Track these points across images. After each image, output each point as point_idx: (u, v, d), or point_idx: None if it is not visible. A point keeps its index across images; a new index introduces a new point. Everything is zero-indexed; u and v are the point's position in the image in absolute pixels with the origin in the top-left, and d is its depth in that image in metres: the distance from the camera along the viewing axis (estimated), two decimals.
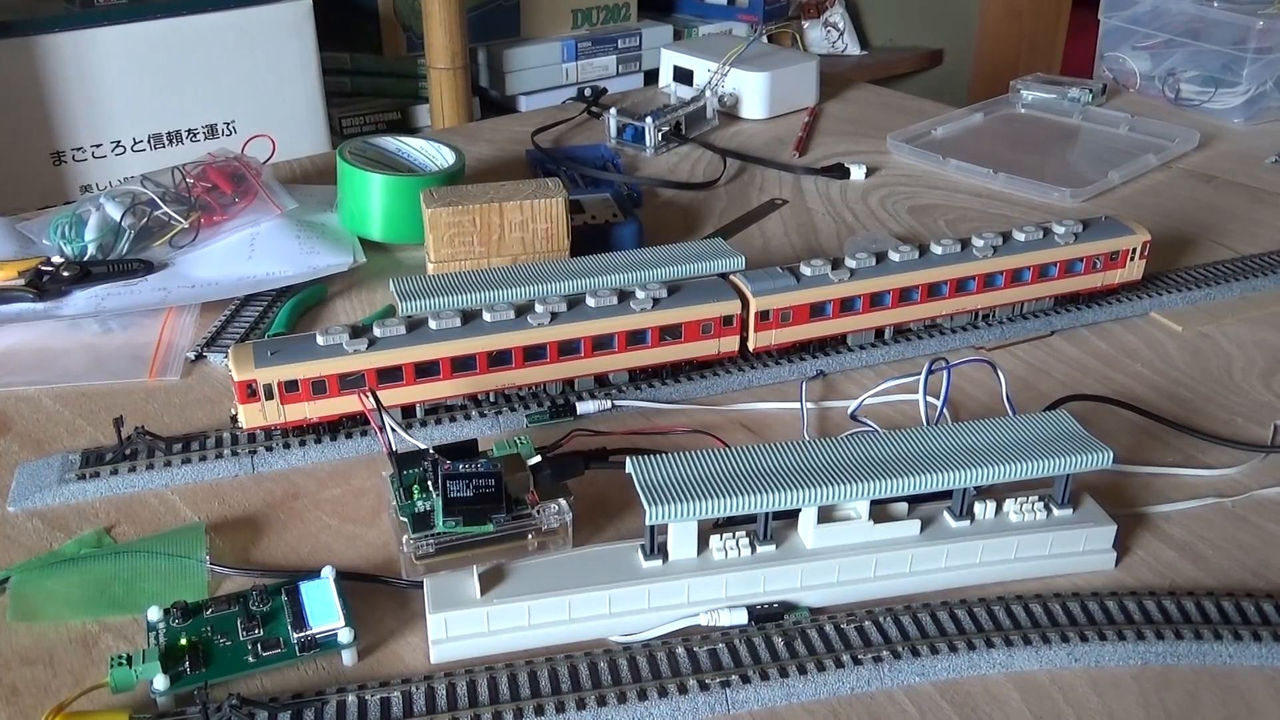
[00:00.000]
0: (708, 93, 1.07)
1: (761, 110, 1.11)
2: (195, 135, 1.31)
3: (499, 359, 0.61)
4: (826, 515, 0.50)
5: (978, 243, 0.69)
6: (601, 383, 0.65)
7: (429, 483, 0.52)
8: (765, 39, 1.89)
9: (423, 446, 0.53)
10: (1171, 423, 0.62)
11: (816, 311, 0.66)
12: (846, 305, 0.67)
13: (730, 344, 0.66)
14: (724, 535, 0.50)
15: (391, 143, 0.88)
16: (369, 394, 0.53)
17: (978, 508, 0.52)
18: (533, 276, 0.65)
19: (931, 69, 2.14)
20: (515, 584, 0.48)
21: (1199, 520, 0.55)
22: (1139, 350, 0.70)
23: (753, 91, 1.10)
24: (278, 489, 0.57)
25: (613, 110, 1.03)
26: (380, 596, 0.50)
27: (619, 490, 0.55)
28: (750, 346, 0.66)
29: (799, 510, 0.49)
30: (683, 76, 1.14)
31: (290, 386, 0.57)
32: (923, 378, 0.55)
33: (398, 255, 0.82)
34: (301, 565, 0.52)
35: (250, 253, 0.79)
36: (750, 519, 0.50)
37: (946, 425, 0.53)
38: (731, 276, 0.66)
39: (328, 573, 0.48)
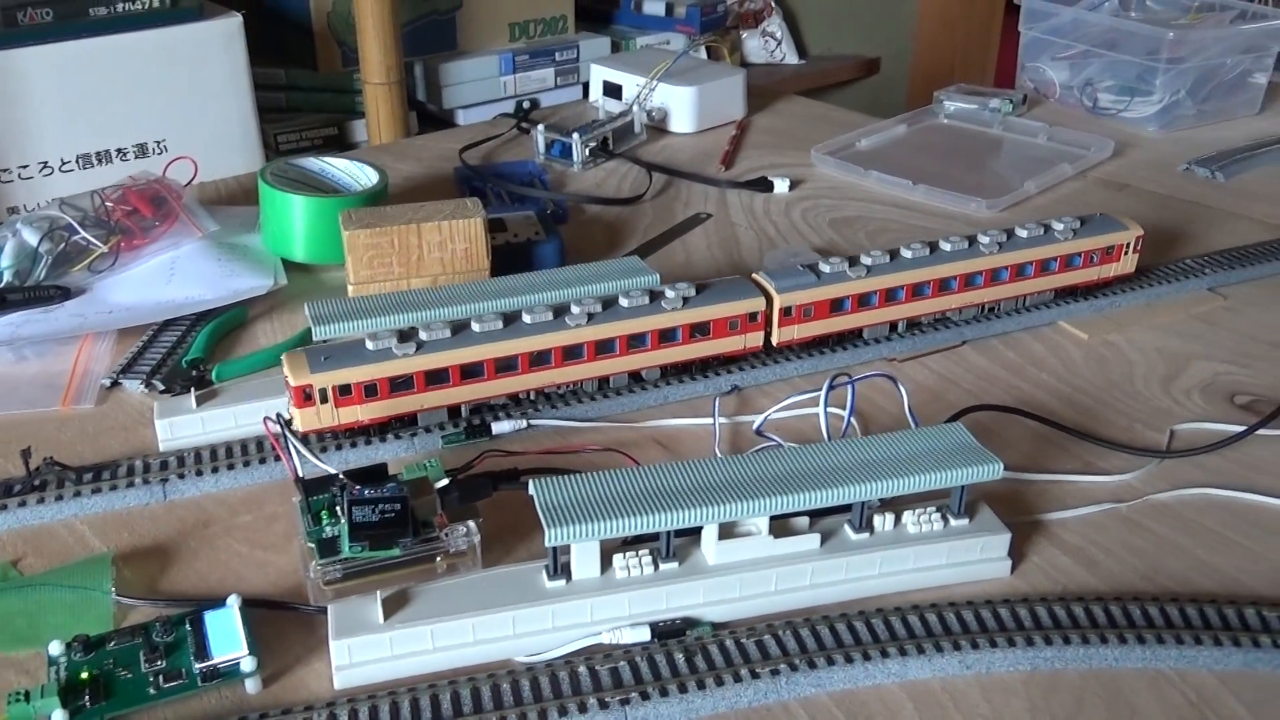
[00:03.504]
0: (635, 107, 1.08)
1: (690, 124, 1.12)
2: (125, 155, 1.30)
3: (539, 359, 0.63)
4: (728, 531, 0.51)
5: (983, 239, 0.73)
6: (517, 401, 0.66)
7: (337, 508, 0.52)
8: (705, 50, 1.91)
9: (332, 471, 0.54)
10: (1072, 430, 0.64)
11: (835, 307, 0.70)
12: (863, 300, 0.70)
13: (755, 339, 0.68)
14: (627, 554, 0.50)
15: (315, 163, 0.88)
16: (276, 420, 0.54)
17: (877, 520, 0.53)
18: (448, 299, 0.66)
19: (869, 77, 2.17)
20: (420, 608, 0.48)
21: (1094, 526, 0.57)
22: (1045, 359, 0.72)
23: (680, 105, 1.11)
24: (189, 516, 0.57)
25: (541, 126, 1.04)
26: (288, 623, 0.50)
27: (531, 511, 0.54)
28: (774, 341, 0.69)
29: (702, 527, 0.50)
30: (612, 91, 1.15)
31: (344, 390, 0.59)
32: (823, 393, 0.56)
33: (321, 276, 0.82)
34: (210, 594, 0.52)
35: (170, 277, 0.79)
36: (654, 537, 0.51)
37: (847, 440, 0.54)
38: (755, 275, 0.69)
39: (233, 601, 0.48)
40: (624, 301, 0.65)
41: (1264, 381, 0.69)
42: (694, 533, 0.51)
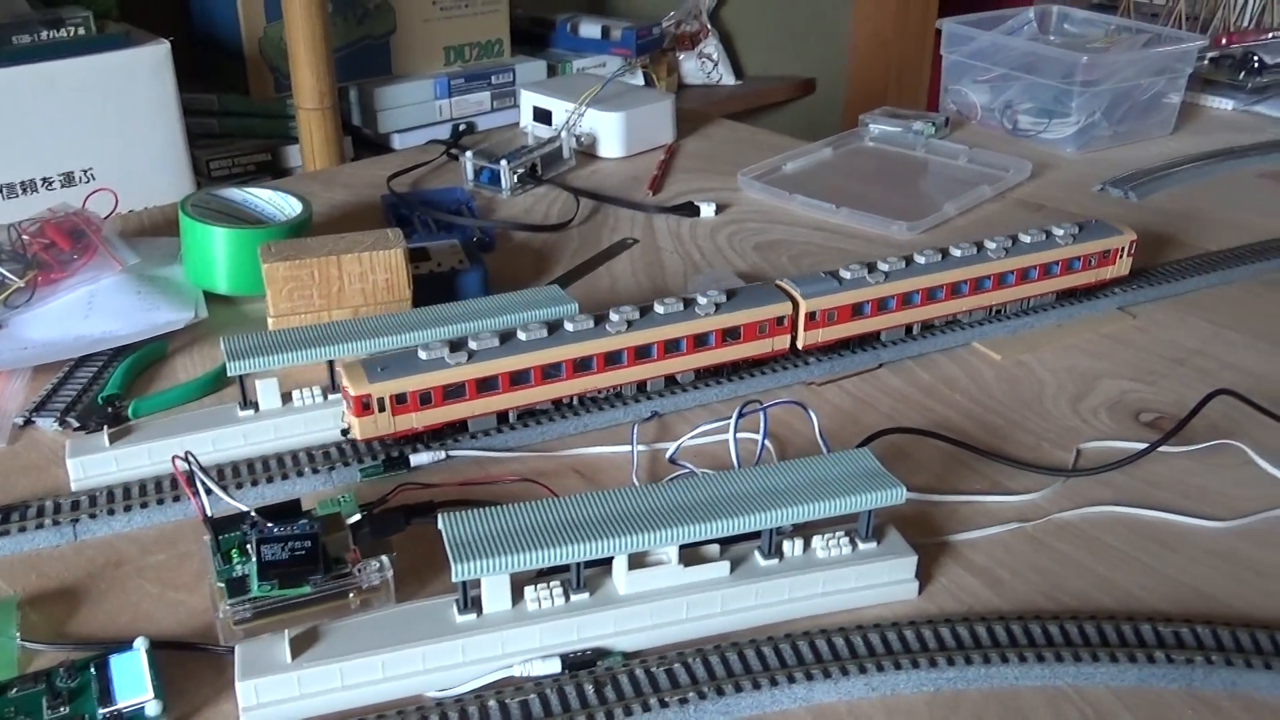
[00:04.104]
0: (564, 133, 1.08)
1: (619, 149, 1.13)
2: (51, 184, 1.28)
3: (582, 365, 0.66)
4: (638, 561, 0.52)
5: (990, 245, 0.76)
6: (436, 434, 0.66)
7: (248, 546, 0.52)
8: (642, 72, 1.92)
9: (243, 508, 0.53)
10: (981, 450, 0.65)
11: (856, 311, 0.73)
12: (882, 305, 0.74)
13: (781, 343, 0.72)
14: (539, 585, 0.51)
15: (238, 193, 0.88)
16: (185, 458, 0.53)
17: (787, 545, 0.54)
18: (367, 331, 0.66)
19: (805, 97, 2.20)
20: (329, 645, 0.48)
21: (1000, 545, 0.58)
22: (959, 380, 0.74)
23: (609, 131, 1.12)
24: (100, 557, 0.57)
25: (469, 153, 1.05)
26: (197, 665, 0.50)
27: None
28: (799, 345, 0.72)
29: (613, 557, 0.51)
30: (542, 116, 1.16)
31: (399, 399, 0.62)
32: (733, 421, 0.57)
33: (244, 308, 0.82)
34: (119, 636, 0.51)
35: (87, 311, 0.78)
36: (566, 568, 0.51)
37: (757, 467, 0.55)
38: (780, 282, 0.73)
39: (140, 643, 0.48)
40: (659, 309, 0.68)
41: (1168, 399, 0.71)
42: (606, 563, 0.52)
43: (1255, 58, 1.31)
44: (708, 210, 0.99)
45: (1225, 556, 0.57)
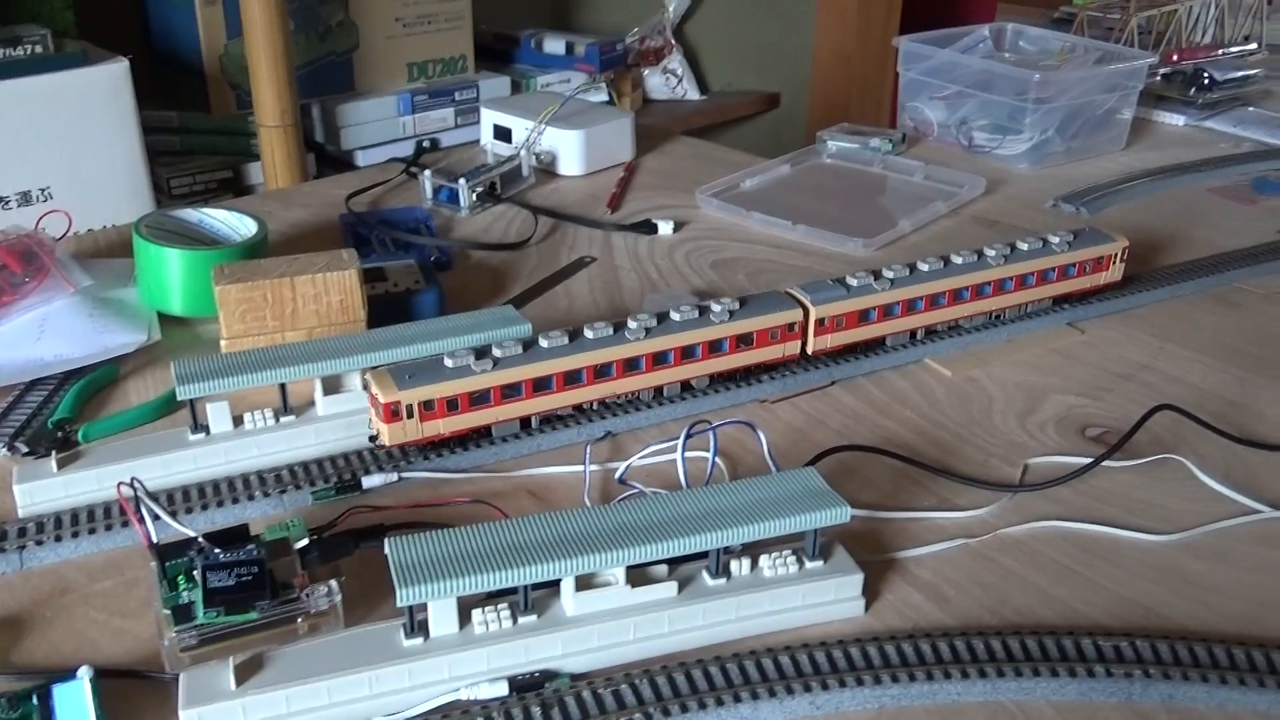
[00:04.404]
0: (523, 151, 1.09)
1: (578, 167, 1.13)
2: (8, 203, 1.27)
3: (602, 371, 0.68)
4: (585, 583, 0.52)
5: (990, 253, 0.79)
6: (390, 455, 0.66)
7: (194, 572, 0.52)
8: (606, 87, 1.93)
9: (190, 534, 0.53)
10: (930, 467, 0.66)
11: (863, 317, 0.76)
12: (887, 311, 0.76)
13: (792, 348, 0.74)
14: (486, 608, 0.51)
15: (193, 214, 0.88)
16: (130, 484, 0.53)
17: (734, 565, 0.54)
18: (318, 353, 0.66)
19: (770, 111, 2.22)
20: (275, 672, 0.48)
21: (946, 561, 0.59)
22: (910, 396, 0.75)
23: (569, 149, 1.13)
24: (46, 584, 0.56)
25: (428, 172, 1.05)
26: (143, 694, 0.50)
27: None
28: (809, 350, 0.75)
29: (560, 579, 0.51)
30: (502, 134, 1.16)
31: (427, 405, 0.63)
32: (680, 441, 0.58)
33: (198, 330, 0.82)
34: (63, 665, 0.51)
35: (39, 334, 0.77)
36: (514, 590, 0.51)
37: (705, 487, 0.55)
38: (789, 289, 0.75)
39: (84, 673, 0.48)
40: (675, 316, 0.70)
41: (1114, 414, 0.72)
42: (555, 584, 0.52)
43: (1205, 74, 1.34)
44: (665, 228, 0.99)
45: (1166, 570, 0.58)
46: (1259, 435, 0.70)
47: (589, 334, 0.68)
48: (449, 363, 0.64)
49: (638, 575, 0.53)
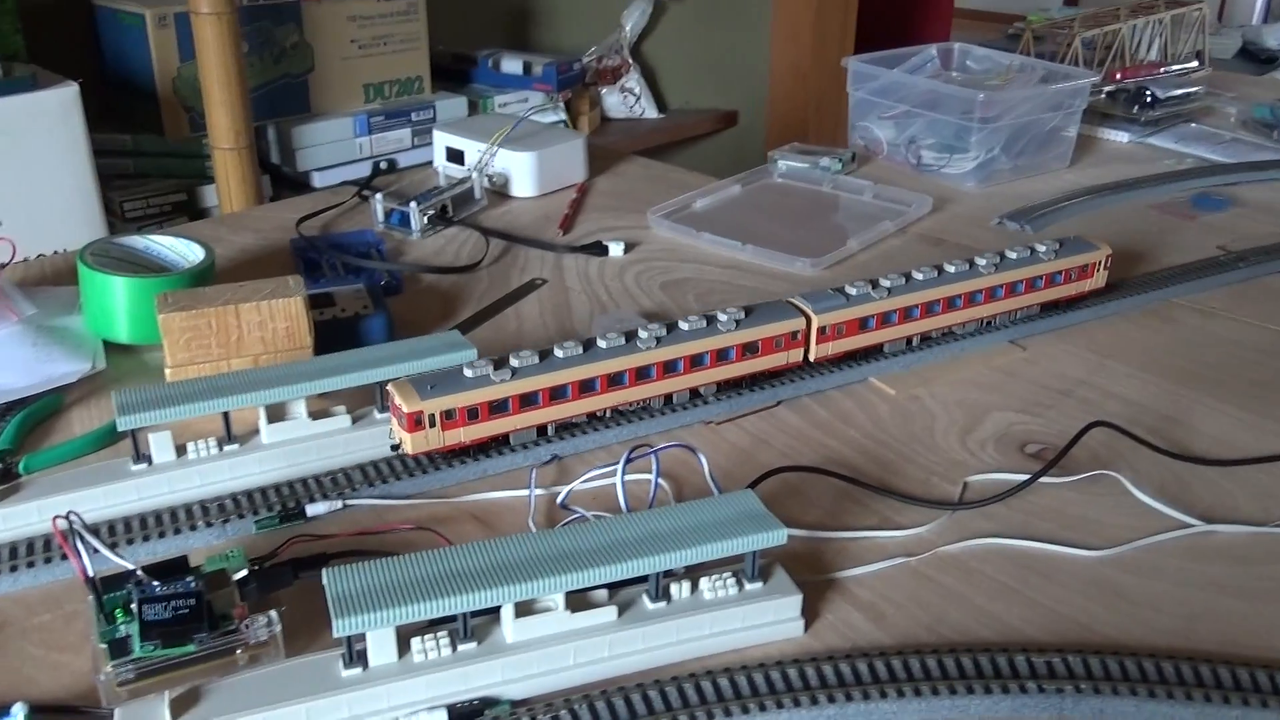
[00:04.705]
0: (474, 174, 1.09)
1: (530, 189, 1.14)
2: None
3: (615, 380, 0.70)
4: (525, 609, 0.52)
5: (981, 262, 0.82)
6: (334, 481, 0.66)
7: (132, 605, 0.52)
8: (564, 106, 1.94)
9: (129, 566, 0.53)
10: (871, 486, 0.67)
11: (863, 325, 0.78)
12: (885, 319, 0.79)
13: (796, 356, 0.77)
14: (425, 636, 0.51)
15: (140, 241, 0.87)
16: (66, 517, 0.53)
17: (674, 588, 0.55)
18: (261, 382, 0.66)
19: (728, 129, 2.23)
20: (211, 705, 0.48)
21: (886, 580, 0.60)
22: (854, 415, 0.76)
23: (521, 170, 1.13)
24: None
25: (379, 195, 1.05)
26: None
27: None
28: (811, 358, 0.77)
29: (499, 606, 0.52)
30: (455, 157, 1.17)
31: (449, 415, 0.65)
32: (620, 466, 0.58)
33: (144, 358, 0.81)
34: None
35: None
36: (454, 618, 0.52)
37: (645, 511, 0.56)
38: (792, 299, 0.77)
39: (18, 709, 0.48)
40: (684, 325, 0.72)
41: (1053, 430, 0.74)
42: (495, 611, 0.52)
43: (1148, 92, 1.36)
44: (616, 249, 1.00)
45: (1099, 585, 0.59)
46: (1193, 450, 0.72)
47: (602, 344, 0.70)
48: (468, 373, 0.66)
49: (578, 600, 0.53)
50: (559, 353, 0.68)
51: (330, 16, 1.63)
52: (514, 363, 0.67)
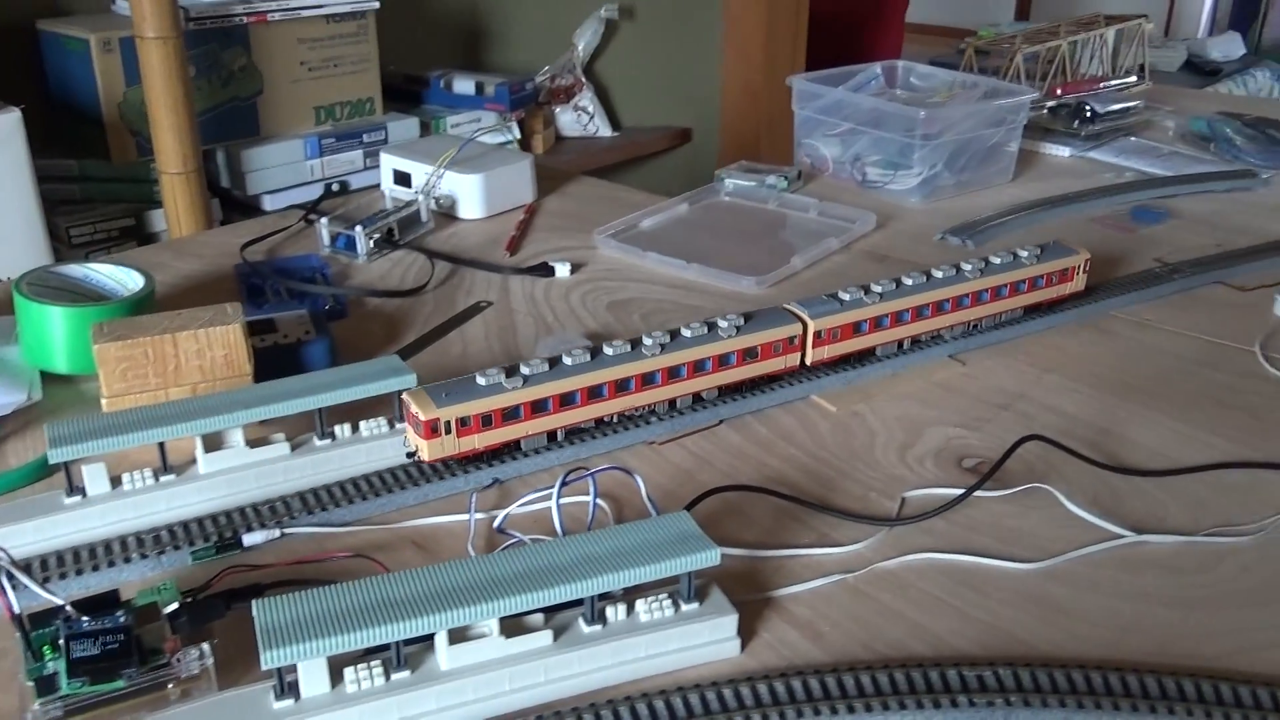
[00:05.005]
0: (421, 197, 1.09)
1: (478, 210, 1.14)
2: None
3: (621, 386, 0.73)
4: (459, 636, 0.52)
5: (967, 267, 0.85)
6: (272, 510, 0.66)
7: (60, 642, 0.51)
8: (517, 126, 1.94)
9: (58, 602, 0.53)
10: (809, 503, 0.67)
11: (856, 329, 0.81)
12: (877, 323, 0.82)
13: (793, 360, 0.80)
14: (358, 666, 0.51)
15: (78, 269, 0.87)
16: None
17: (610, 610, 0.55)
18: (198, 410, 0.66)
19: (682, 146, 2.25)
20: None
21: (823, 598, 0.60)
22: (795, 433, 0.76)
23: (468, 192, 1.13)
24: None
25: (324, 219, 1.05)
26: None
27: None
28: (808, 361, 0.80)
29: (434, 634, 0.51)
30: (402, 179, 1.17)
31: (464, 422, 0.67)
32: (556, 489, 0.58)
33: (83, 388, 0.80)
34: None
35: None
36: (388, 647, 0.51)
37: (581, 534, 0.56)
38: (787, 305, 0.80)
39: None
40: (686, 332, 0.75)
41: (991, 444, 0.74)
42: (429, 639, 0.52)
43: (1088, 107, 1.39)
44: (563, 270, 1.00)
45: (1033, 598, 0.60)
46: (1127, 461, 0.73)
47: (608, 351, 0.72)
48: (481, 381, 0.68)
49: (512, 625, 0.53)
50: (567, 360, 0.71)
51: (279, 39, 1.62)
52: (525, 370, 0.69)
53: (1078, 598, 0.60)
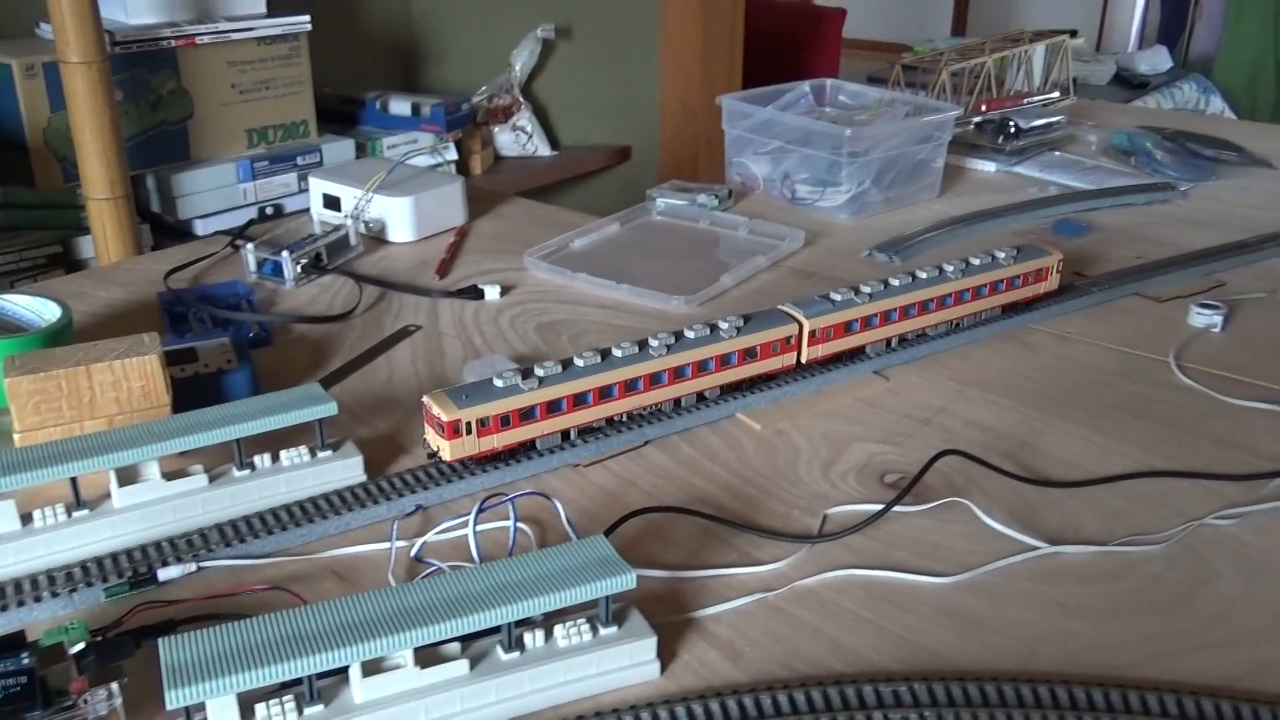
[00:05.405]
0: (349, 221, 1.09)
1: (408, 233, 1.14)
2: None
3: (631, 386, 0.76)
4: (373, 667, 0.52)
5: (949, 268, 0.89)
6: (189, 543, 0.65)
7: None
8: (453, 147, 1.94)
9: None
10: (732, 523, 0.68)
11: (847, 328, 0.84)
12: (867, 322, 0.85)
13: (789, 359, 0.83)
14: (271, 702, 0.50)
15: None
16: None
17: (528, 636, 0.55)
18: (112, 444, 0.65)
19: (622, 165, 2.26)
20: None
21: (744, 617, 0.61)
22: (721, 452, 0.77)
23: (398, 216, 1.13)
24: None
25: (250, 245, 1.04)
26: None
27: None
28: (803, 360, 0.84)
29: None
30: (332, 203, 1.16)
31: (483, 423, 0.70)
32: (472, 516, 0.58)
33: None
34: None
35: None
36: (301, 681, 0.51)
37: (498, 561, 0.56)
38: (783, 306, 0.83)
39: None
40: (689, 334, 0.78)
41: (912, 459, 0.75)
42: (343, 671, 0.52)
43: (1011, 123, 1.42)
44: (492, 293, 1.00)
45: (950, 612, 0.61)
46: (1044, 473, 0.74)
47: (617, 353, 0.75)
48: (498, 383, 0.71)
49: (428, 655, 0.53)
50: (579, 362, 0.74)
51: (209, 62, 1.61)
52: (539, 372, 0.72)
53: (993, 610, 0.61)
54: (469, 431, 0.70)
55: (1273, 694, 0.55)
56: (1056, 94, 1.57)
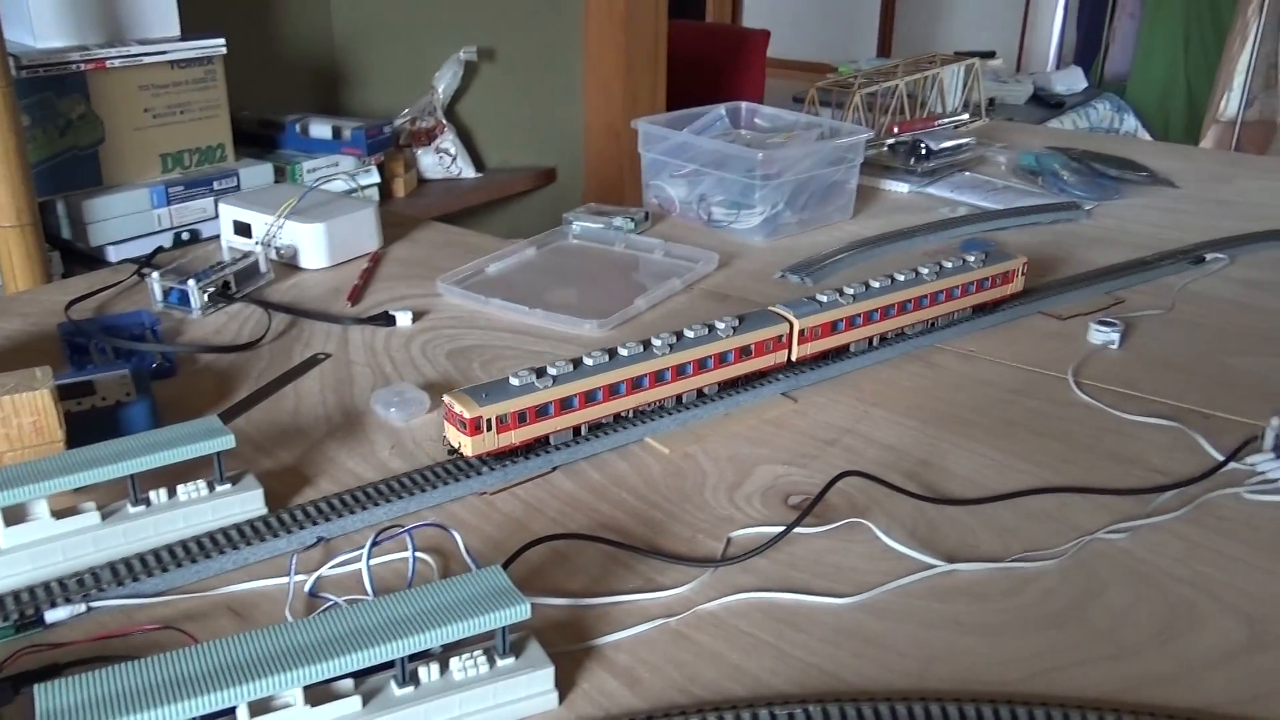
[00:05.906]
0: (259, 247, 1.07)
1: (321, 260, 1.13)
2: None
3: (637, 383, 0.80)
4: (261, 708, 0.51)
5: (924, 271, 0.96)
6: (79, 583, 0.63)
7: None
8: (375, 170, 1.92)
9: None
10: (636, 548, 0.68)
11: (834, 328, 0.90)
12: (852, 321, 0.91)
13: (781, 357, 0.88)
14: None
15: None
16: None
17: (423, 670, 0.54)
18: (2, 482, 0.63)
19: (547, 186, 2.26)
20: None
21: (645, 643, 0.61)
22: (628, 477, 0.77)
23: (310, 242, 1.12)
24: None
25: (155, 274, 1.02)
26: None
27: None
28: (793, 358, 0.89)
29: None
30: (243, 230, 1.14)
31: (502, 420, 0.74)
32: (366, 549, 0.58)
33: None
34: None
35: None
36: None
37: (393, 594, 0.55)
38: (774, 307, 0.89)
39: None
40: (689, 334, 0.83)
41: (816, 480, 0.76)
42: (231, 713, 0.51)
43: (923, 145, 1.45)
44: (404, 319, 1.00)
45: (848, 632, 0.62)
46: (945, 491, 0.75)
47: (623, 352, 0.80)
48: (514, 381, 0.75)
49: (320, 693, 0.52)
50: (588, 361, 0.78)
51: (120, 85, 1.58)
52: (552, 371, 0.76)
53: (890, 629, 0.62)
54: (489, 428, 0.73)
55: (1156, 706, 0.56)
56: (966, 115, 1.60)
